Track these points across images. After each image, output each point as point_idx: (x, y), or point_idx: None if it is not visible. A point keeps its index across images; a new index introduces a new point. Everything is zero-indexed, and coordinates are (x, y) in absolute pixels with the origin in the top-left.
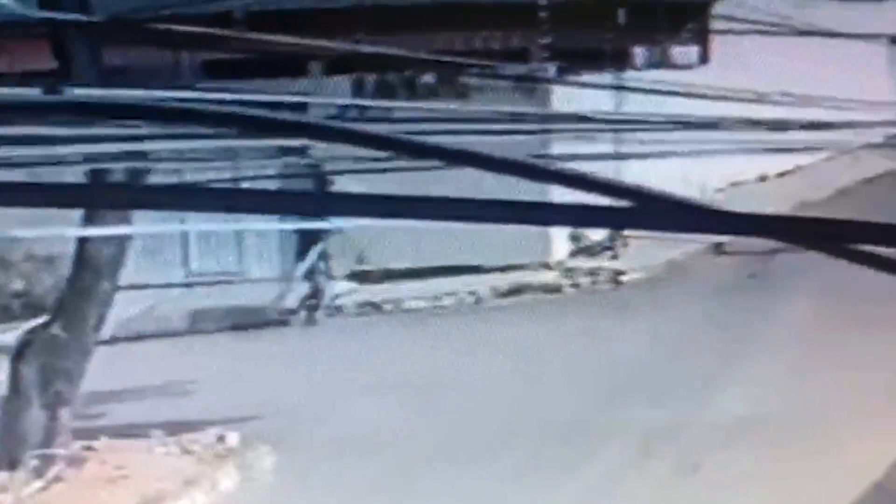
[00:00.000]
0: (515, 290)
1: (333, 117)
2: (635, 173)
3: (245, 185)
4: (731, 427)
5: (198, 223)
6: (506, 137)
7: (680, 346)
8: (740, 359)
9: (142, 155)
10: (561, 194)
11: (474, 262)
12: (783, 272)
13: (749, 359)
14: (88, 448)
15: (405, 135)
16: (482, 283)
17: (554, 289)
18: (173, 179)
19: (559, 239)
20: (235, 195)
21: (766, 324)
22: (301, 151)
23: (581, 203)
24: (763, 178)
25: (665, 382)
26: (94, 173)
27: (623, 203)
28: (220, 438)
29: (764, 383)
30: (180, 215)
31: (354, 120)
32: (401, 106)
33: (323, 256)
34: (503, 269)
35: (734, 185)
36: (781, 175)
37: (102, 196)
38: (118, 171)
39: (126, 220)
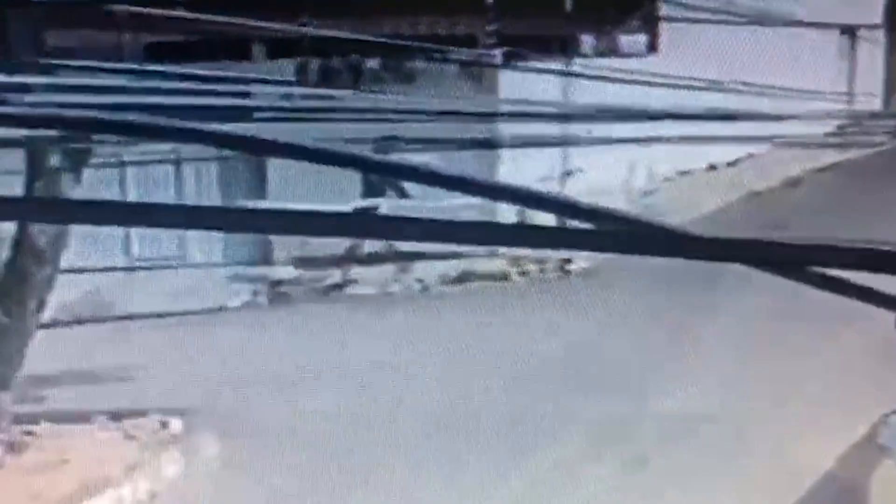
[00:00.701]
0: (463, 278)
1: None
2: (583, 161)
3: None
4: (678, 420)
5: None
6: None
7: (628, 338)
8: (689, 352)
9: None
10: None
11: (421, 249)
12: (734, 265)
13: (698, 352)
14: (29, 433)
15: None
16: (429, 271)
17: (501, 277)
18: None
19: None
20: (151, 209)
21: (715, 317)
22: None
23: (541, 225)
24: (712, 168)
25: (613, 374)
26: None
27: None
28: (164, 424)
29: (712, 377)
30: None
31: (295, 109)
32: (343, 94)
33: (267, 241)
34: (451, 257)
35: (683, 174)
36: (731, 164)
37: (21, 208)
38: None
39: None
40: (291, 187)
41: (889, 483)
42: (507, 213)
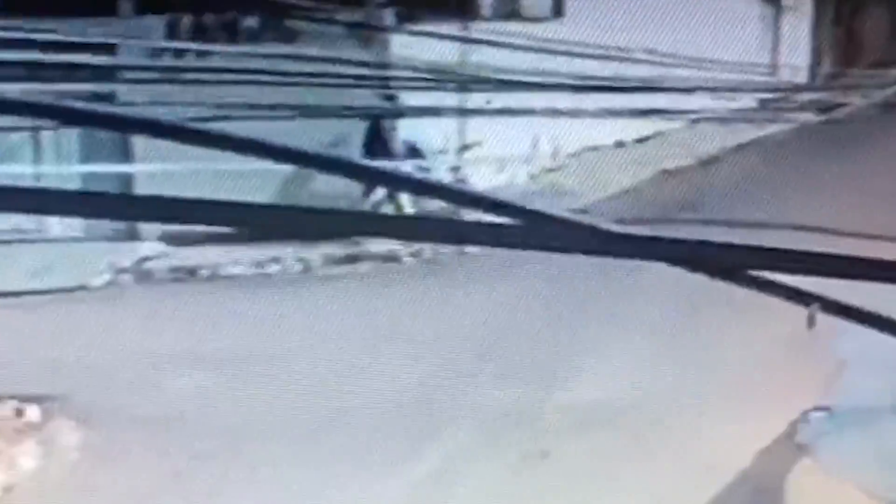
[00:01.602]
0: (349, 259)
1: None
2: (482, 133)
3: None
4: (583, 411)
5: None
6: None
7: (529, 323)
8: (595, 338)
9: None
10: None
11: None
12: None
13: (605, 339)
14: None
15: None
16: (312, 250)
17: (392, 258)
18: None
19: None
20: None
21: (624, 302)
22: None
23: (460, 220)
24: (620, 144)
25: (512, 361)
26: None
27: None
28: (19, 412)
29: (620, 366)
30: None
31: (168, 68)
32: (221, 51)
33: None
34: (336, 236)
35: (589, 150)
36: (641, 141)
37: None
38: None
39: None
40: (160, 152)
41: (806, 483)
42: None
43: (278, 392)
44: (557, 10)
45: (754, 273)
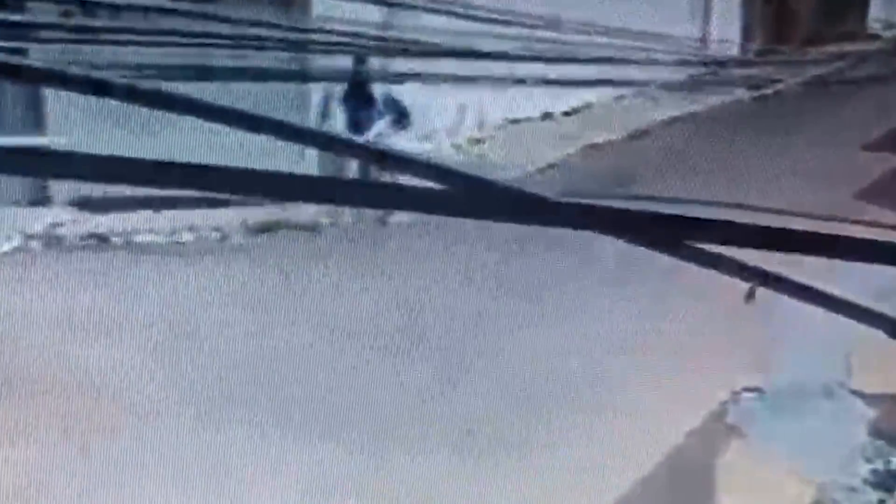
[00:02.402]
0: (267, 228)
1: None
2: (406, 101)
3: None
4: (509, 387)
5: None
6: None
7: (454, 296)
8: (524, 312)
9: None
10: None
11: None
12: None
13: (526, 315)
14: None
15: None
16: (229, 218)
17: (311, 227)
18: None
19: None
20: None
21: (551, 275)
22: None
23: (395, 183)
24: (547, 116)
25: (434, 337)
26: None
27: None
28: None
29: (549, 341)
30: None
31: (80, 28)
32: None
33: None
34: (254, 203)
35: (515, 122)
36: (568, 114)
37: None
38: None
39: None
40: (74, 121)
41: (736, 464)
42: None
43: (192, 366)
44: None
45: (695, 245)
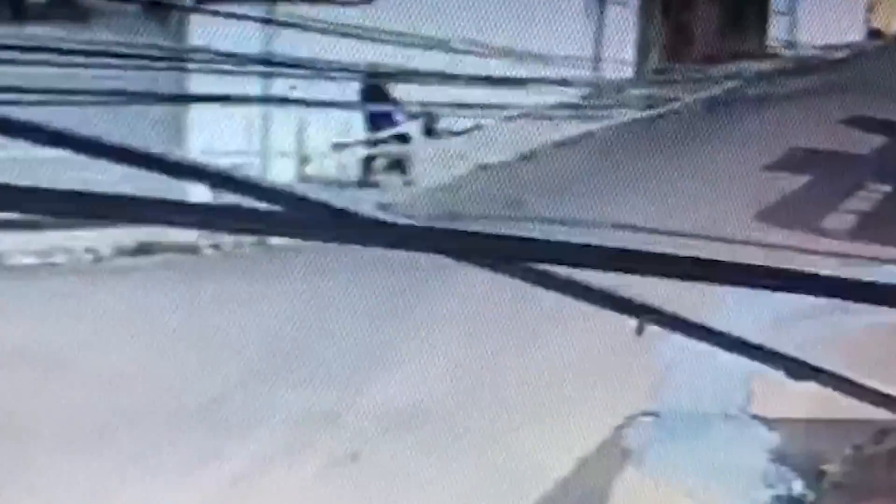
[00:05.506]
0: (144, 249)
1: None
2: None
3: None
4: (394, 412)
5: None
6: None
7: (337, 321)
8: (407, 337)
9: None
10: None
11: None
12: None
13: (418, 337)
14: None
15: None
16: (103, 239)
17: (190, 249)
18: None
19: (198, 190)
20: None
21: (439, 299)
22: None
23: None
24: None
25: (318, 362)
26: None
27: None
28: None
29: (433, 366)
30: None
31: None
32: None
33: None
34: (130, 224)
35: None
36: (456, 134)
37: None
38: None
39: None
40: None
41: (632, 489)
42: None
43: (63, 389)
44: None
45: (573, 278)
